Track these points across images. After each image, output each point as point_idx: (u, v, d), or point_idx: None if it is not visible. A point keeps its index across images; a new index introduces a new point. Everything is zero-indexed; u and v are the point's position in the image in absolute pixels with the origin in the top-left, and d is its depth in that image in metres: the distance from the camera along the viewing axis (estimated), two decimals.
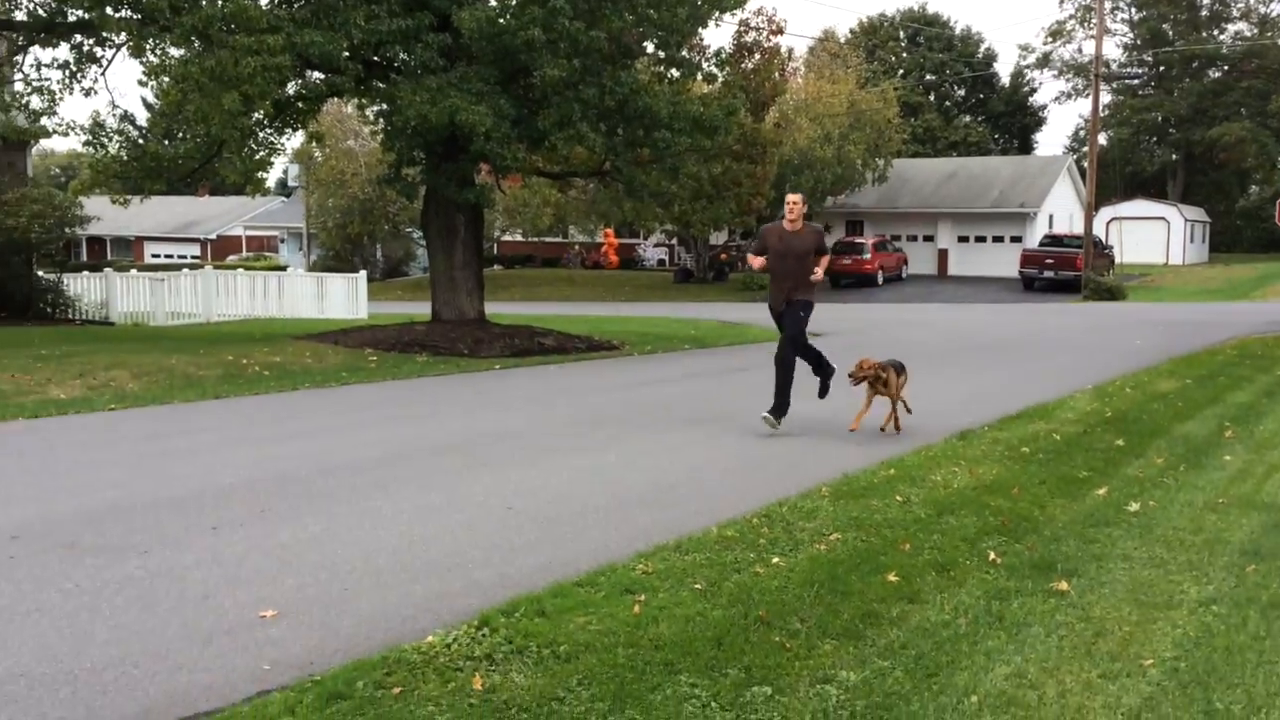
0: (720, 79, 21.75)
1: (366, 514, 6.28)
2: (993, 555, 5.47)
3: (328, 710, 3.60)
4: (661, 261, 49.21)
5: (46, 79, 15.46)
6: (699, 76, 19.61)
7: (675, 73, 18.55)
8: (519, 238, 51.16)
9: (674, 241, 48.37)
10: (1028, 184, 45.04)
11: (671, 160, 17.85)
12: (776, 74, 36.16)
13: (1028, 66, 67.51)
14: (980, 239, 44.94)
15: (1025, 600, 4.84)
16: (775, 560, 5.33)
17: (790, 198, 9.24)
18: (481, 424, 9.94)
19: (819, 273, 9.21)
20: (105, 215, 28.39)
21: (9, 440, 8.63)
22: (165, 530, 5.81)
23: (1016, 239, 43.18)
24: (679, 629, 4.38)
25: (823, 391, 9.59)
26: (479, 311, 18.21)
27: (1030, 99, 69.79)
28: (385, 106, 17.09)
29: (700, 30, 19.09)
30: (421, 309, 21.63)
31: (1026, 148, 67.76)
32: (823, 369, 9.51)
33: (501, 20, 15.29)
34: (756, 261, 9.53)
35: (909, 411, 9.37)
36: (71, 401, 10.63)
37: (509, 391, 12.40)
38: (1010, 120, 68.63)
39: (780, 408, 9.13)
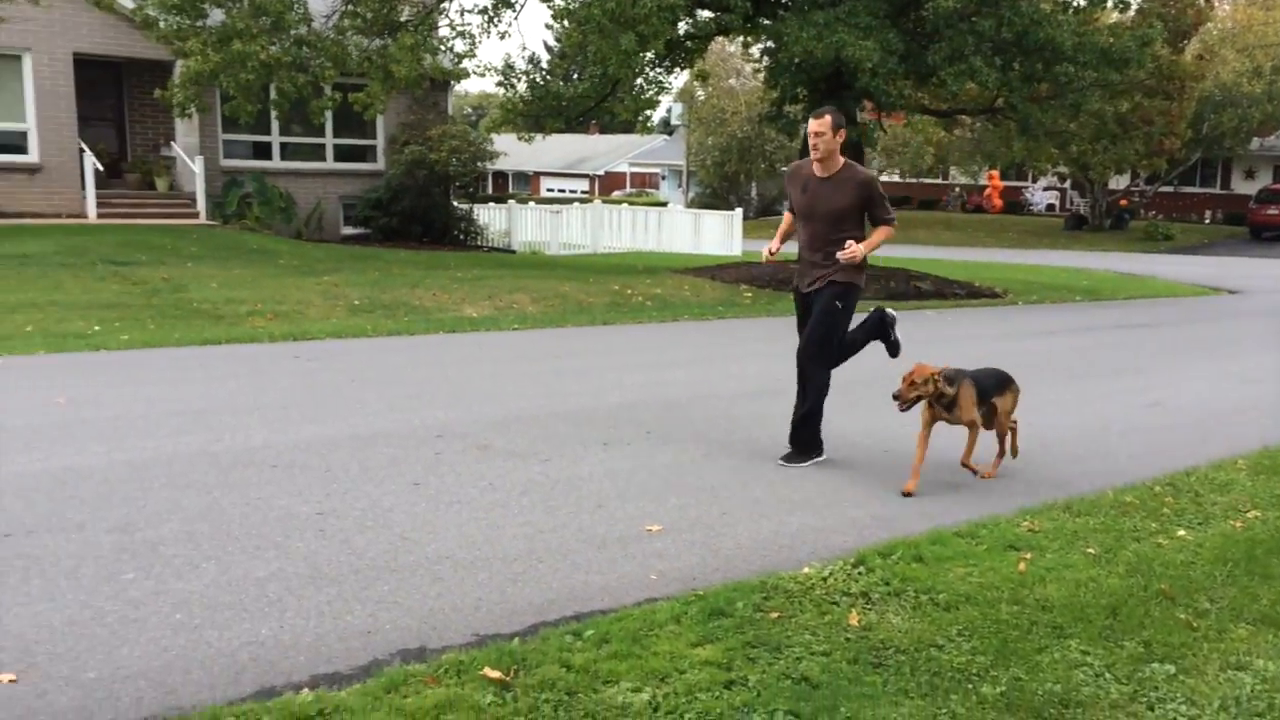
0: (1134, 7, 19.84)
1: (743, 444, 6.45)
2: None
3: (710, 624, 3.75)
4: (1051, 206, 45.94)
5: (468, 24, 16.98)
6: (1109, 4, 17.96)
7: (1082, 1, 17.11)
8: (896, 178, 49.83)
9: (1066, 185, 45.04)
10: None
11: (1073, 96, 16.51)
12: (1201, 0, 32.39)
13: None
14: None
15: None
16: (1180, 533, 4.88)
17: (812, 123, 5.75)
18: (854, 365, 9.84)
19: (855, 249, 5.75)
20: (509, 151, 30.86)
21: (433, 351, 9.69)
22: (562, 442, 6.28)
23: None
24: (1068, 592, 4.14)
25: (893, 351, 6.66)
26: None
27: None
28: (771, 43, 17.12)
29: None
30: (793, 248, 21.69)
31: None
32: (893, 345, 6.62)
33: None
34: (774, 242, 6.37)
35: (1013, 453, 6.09)
36: (482, 320, 11.74)
37: None
38: None
39: (803, 445, 6.17)
